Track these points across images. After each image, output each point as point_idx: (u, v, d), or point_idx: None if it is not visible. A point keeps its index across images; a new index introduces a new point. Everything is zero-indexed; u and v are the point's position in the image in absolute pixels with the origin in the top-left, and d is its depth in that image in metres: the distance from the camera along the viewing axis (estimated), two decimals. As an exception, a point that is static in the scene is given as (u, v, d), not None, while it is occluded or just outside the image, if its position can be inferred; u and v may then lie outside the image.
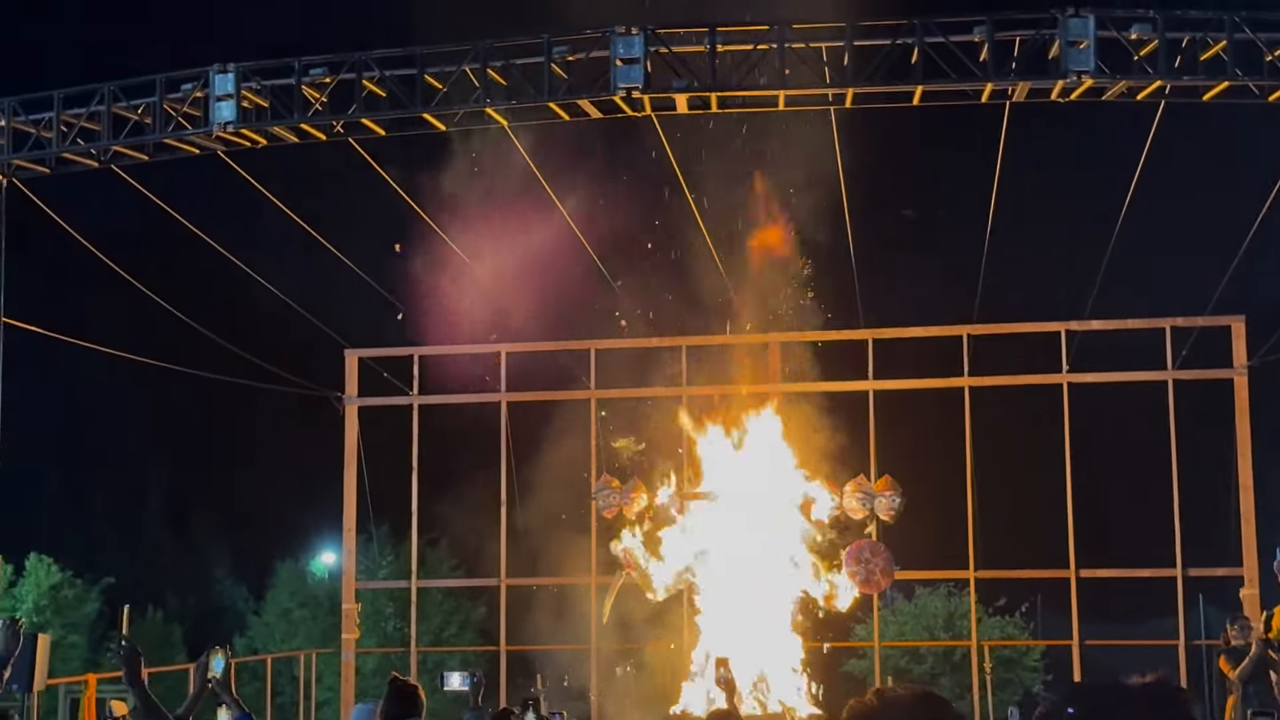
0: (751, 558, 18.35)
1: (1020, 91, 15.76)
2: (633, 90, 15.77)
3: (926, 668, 33.09)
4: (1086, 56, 15.04)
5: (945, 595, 34.13)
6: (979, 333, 21.05)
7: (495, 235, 20.27)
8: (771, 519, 18.69)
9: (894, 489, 19.40)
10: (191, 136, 17.27)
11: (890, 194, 20.50)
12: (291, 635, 35.50)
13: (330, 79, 16.81)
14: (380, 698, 8.48)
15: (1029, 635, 34.47)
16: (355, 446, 21.77)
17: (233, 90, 16.80)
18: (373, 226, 21.88)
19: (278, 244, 21.81)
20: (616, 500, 19.50)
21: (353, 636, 21.68)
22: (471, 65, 16.40)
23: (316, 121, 17.05)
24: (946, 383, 21.16)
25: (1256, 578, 19.77)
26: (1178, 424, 20.41)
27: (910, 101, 16.24)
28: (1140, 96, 15.77)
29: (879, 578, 19.10)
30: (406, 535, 24.01)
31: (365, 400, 22.06)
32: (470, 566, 31.24)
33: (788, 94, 16.15)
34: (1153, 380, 20.81)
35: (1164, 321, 20.69)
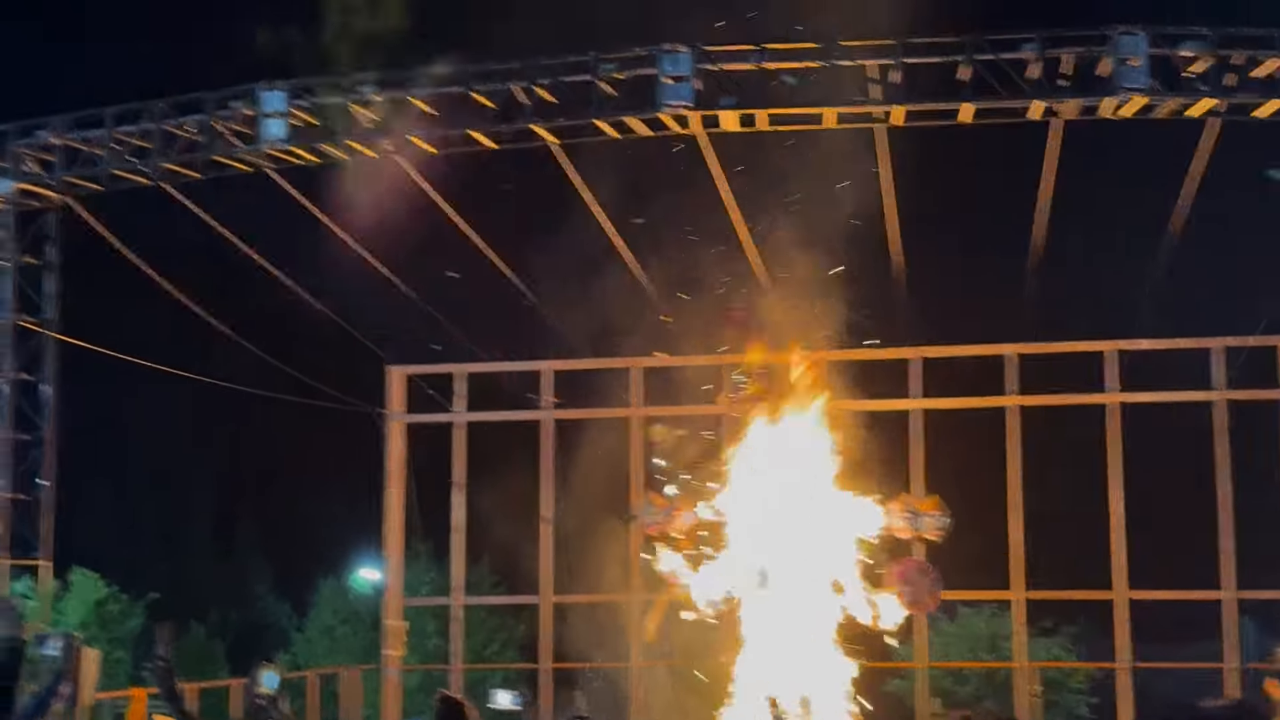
0: (796, 577, 18.22)
1: (1071, 109, 15.68)
2: (681, 108, 15.77)
3: (970, 689, 32.78)
4: (1138, 74, 14.96)
5: (989, 616, 33.83)
6: (1027, 352, 20.92)
7: (539, 250, 20.27)
8: (817, 538, 18.55)
9: (941, 509, 19.24)
10: (241, 154, 17.38)
11: (937, 211, 20.36)
12: (334, 652, 35.50)
13: (380, 97, 16.89)
14: (426, 714, 8.46)
15: (1074, 657, 34.14)
16: (399, 463, 21.80)
17: (282, 108, 16.90)
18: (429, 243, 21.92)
19: (325, 260, 21.87)
20: (660, 517, 19.42)
21: (397, 653, 21.67)
22: (520, 83, 16.45)
23: (365, 139, 17.13)
24: (994, 401, 21.04)
25: (1308, 600, 19.58)
26: (1228, 443, 20.22)
27: (959, 119, 16.17)
28: (1192, 114, 15.65)
29: (926, 598, 18.95)
30: (448, 552, 24.03)
31: (409, 416, 22.09)
32: (511, 583, 31.21)
33: (837, 112, 16.11)
34: (1202, 400, 20.62)
35: (1214, 341, 20.51)
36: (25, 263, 18.82)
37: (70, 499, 22.62)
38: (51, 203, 18.73)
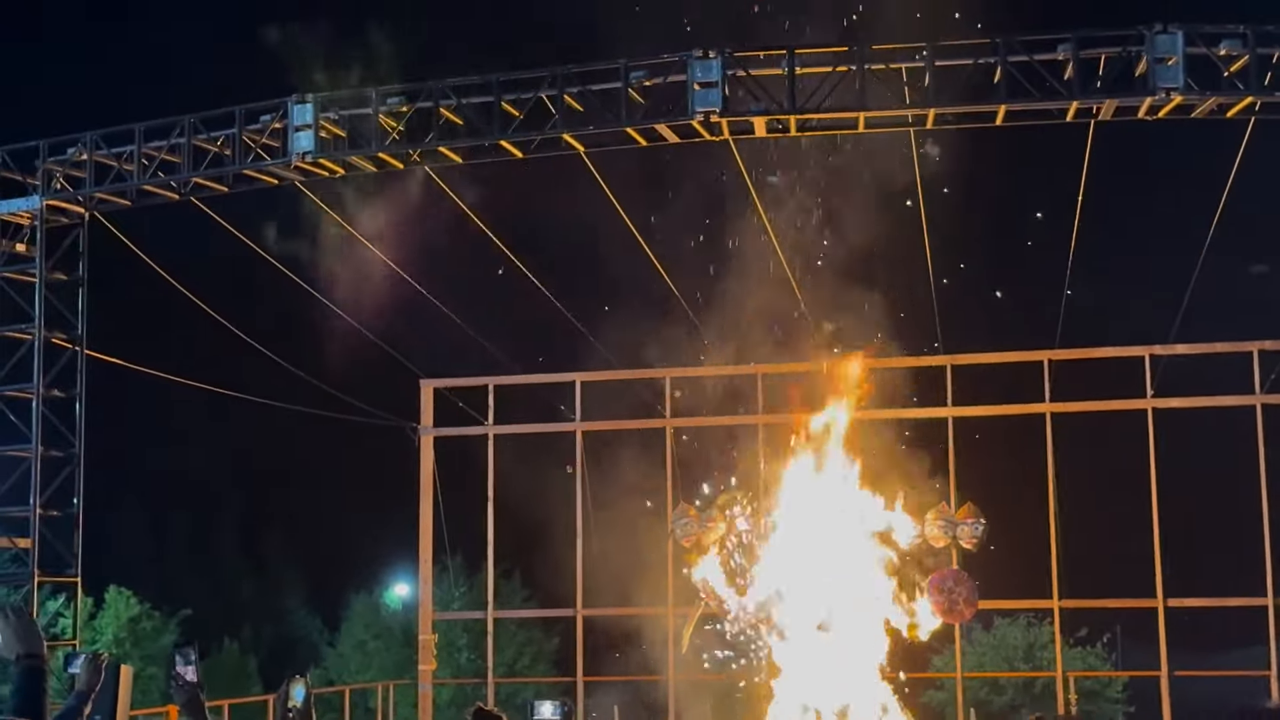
0: (832, 588, 18.08)
1: (1107, 110, 15.47)
2: (711, 114, 15.65)
3: (1007, 699, 32.52)
4: (1175, 73, 14.75)
5: (1025, 625, 33.57)
6: (1061, 358, 20.70)
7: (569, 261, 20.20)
8: (852, 548, 18.41)
9: (976, 516, 19.08)
10: (270, 167, 17.35)
11: (972, 217, 20.22)
12: (366, 667, 35.49)
13: (407, 108, 16.83)
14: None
15: (1110, 666, 33.85)
16: (431, 477, 21.72)
17: (311, 120, 16.86)
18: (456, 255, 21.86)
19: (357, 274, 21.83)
20: (695, 529, 19.30)
21: (430, 668, 21.58)
22: (548, 92, 16.36)
23: (394, 150, 17.07)
24: (1028, 408, 20.81)
25: (1349, 605, 19.28)
26: (1266, 449, 19.95)
27: (993, 121, 16.00)
28: (1231, 114, 15.44)
29: (962, 607, 18.76)
30: (480, 566, 23.94)
31: (441, 430, 22.01)
32: (544, 597, 31.14)
33: (868, 116, 15.96)
34: (1240, 405, 20.36)
35: (1251, 345, 20.25)
36: (54, 279, 18.81)
37: (103, 516, 22.63)
38: (79, 218, 18.73)
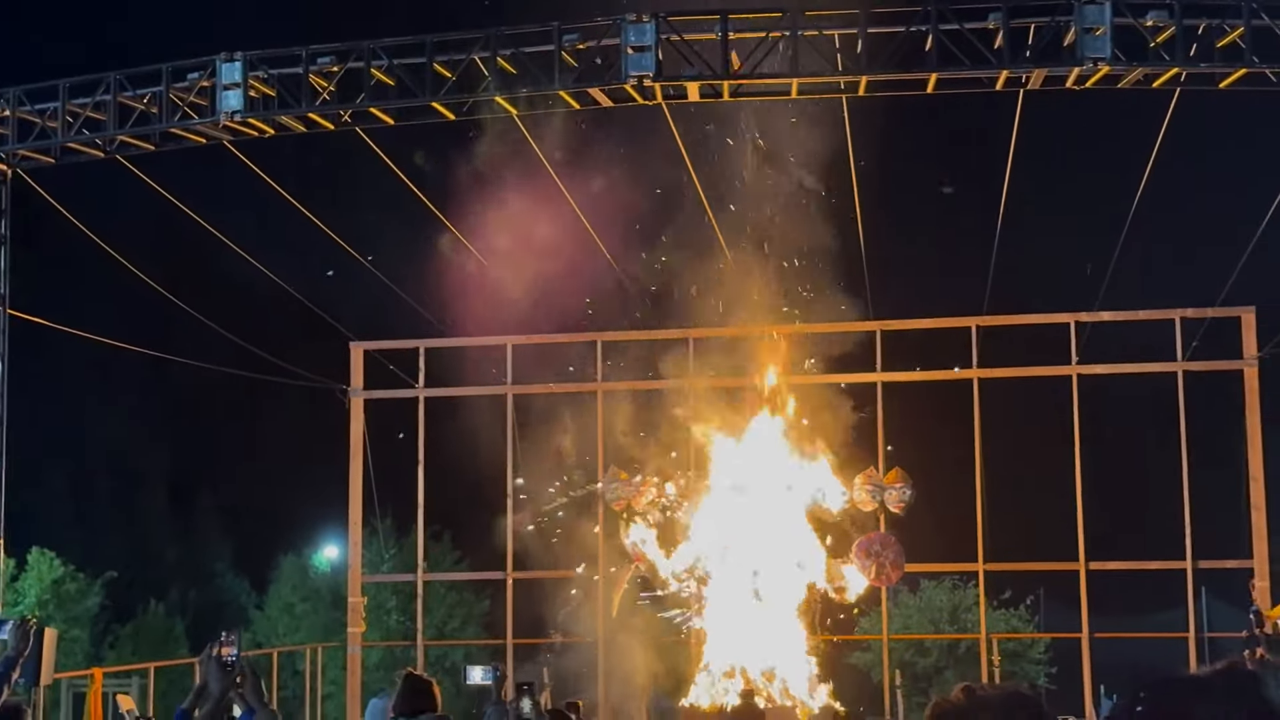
0: (761, 550, 18.23)
1: (1036, 79, 15.61)
2: (644, 78, 15.61)
3: (932, 661, 32.98)
4: (1103, 43, 14.89)
5: (950, 588, 34.02)
6: (988, 324, 20.94)
7: (504, 225, 20.11)
8: (782, 511, 18.56)
9: (904, 481, 19.29)
10: (198, 126, 17.12)
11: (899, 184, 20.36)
12: (294, 629, 35.35)
13: (338, 68, 16.66)
14: (388, 690, 8.35)
15: (1033, 628, 34.38)
16: (360, 439, 21.64)
17: (240, 79, 16.64)
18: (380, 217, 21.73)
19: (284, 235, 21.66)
20: (625, 492, 19.37)
21: (358, 630, 21.56)
22: (481, 54, 16.25)
23: (324, 111, 16.90)
24: (955, 374, 21.06)
25: (1268, 570, 19.69)
26: (1188, 415, 20.30)
27: (924, 90, 16.09)
28: (1157, 84, 15.63)
29: (890, 570, 18.99)
30: (410, 529, 23.88)
31: (371, 393, 21.93)
32: (474, 560, 31.16)
33: (800, 82, 16.01)
34: (1163, 372, 20.71)
35: (1174, 313, 20.59)
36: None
37: (25, 478, 22.35)
38: (2, 176, 18.41)
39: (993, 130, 17.62)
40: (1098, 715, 20.35)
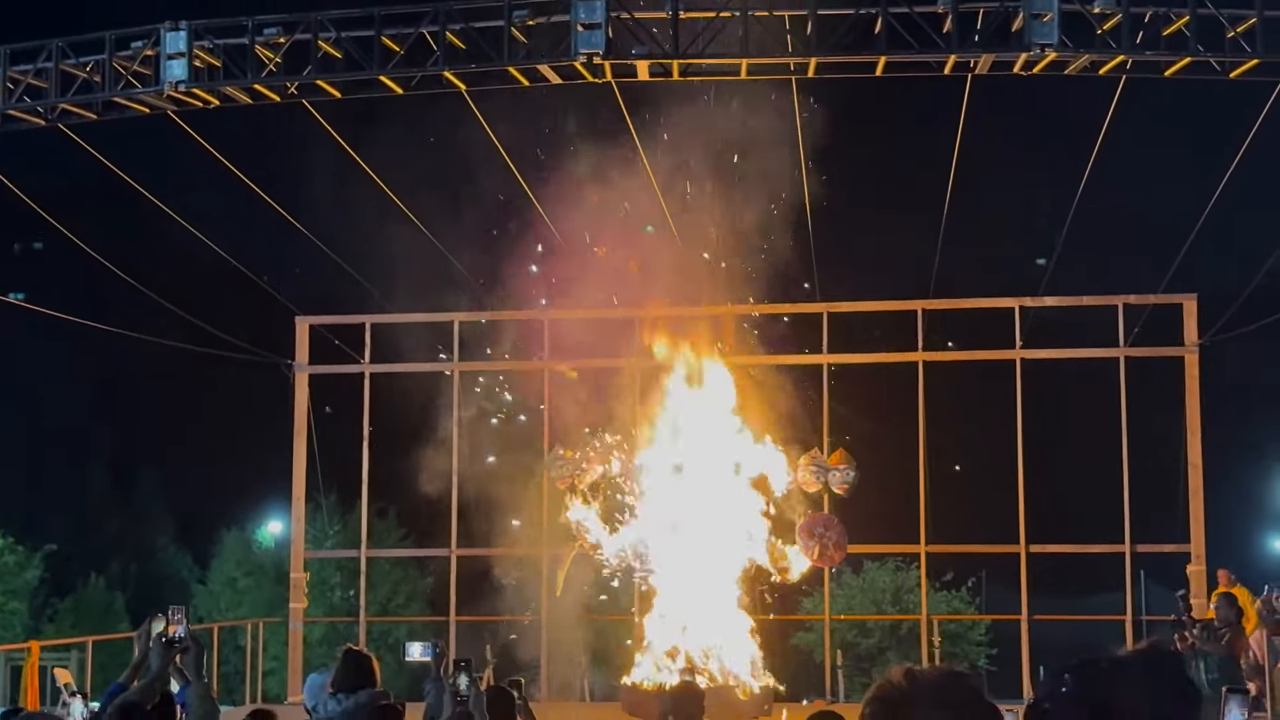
0: (705, 529, 18.25)
1: (983, 64, 15.68)
2: (593, 56, 15.55)
3: (874, 641, 33.21)
4: (1050, 29, 14.96)
5: (893, 569, 34.26)
6: (934, 308, 21.05)
7: (451, 198, 20.04)
8: (725, 491, 18.59)
9: (848, 462, 19.35)
10: (142, 95, 16.91)
11: (848, 167, 20.42)
12: (237, 604, 35.18)
13: (285, 39, 16.50)
14: (330, 667, 8.32)
15: (974, 609, 34.69)
16: (305, 414, 21.51)
17: (184, 49, 16.44)
18: (327, 190, 21.59)
19: (229, 208, 21.49)
20: (570, 471, 19.34)
21: (300, 605, 21.48)
22: (430, 28, 16.14)
23: (270, 82, 16.74)
24: (900, 357, 21.18)
25: (1203, 554, 19.94)
26: (1129, 401, 20.50)
27: (873, 72, 16.13)
28: (1103, 71, 15.73)
29: (832, 551, 19.06)
30: (354, 505, 23.78)
31: (316, 368, 21.79)
32: (419, 536, 31.09)
33: (750, 63, 16.00)
34: (1105, 357, 20.90)
35: (1117, 299, 20.76)
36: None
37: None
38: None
39: (941, 114, 17.70)
40: (1035, 697, 20.54)
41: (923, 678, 2.63)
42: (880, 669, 31.05)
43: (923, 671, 2.65)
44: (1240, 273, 20.44)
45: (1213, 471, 20.77)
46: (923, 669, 2.66)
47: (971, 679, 2.67)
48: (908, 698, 2.60)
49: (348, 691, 7.74)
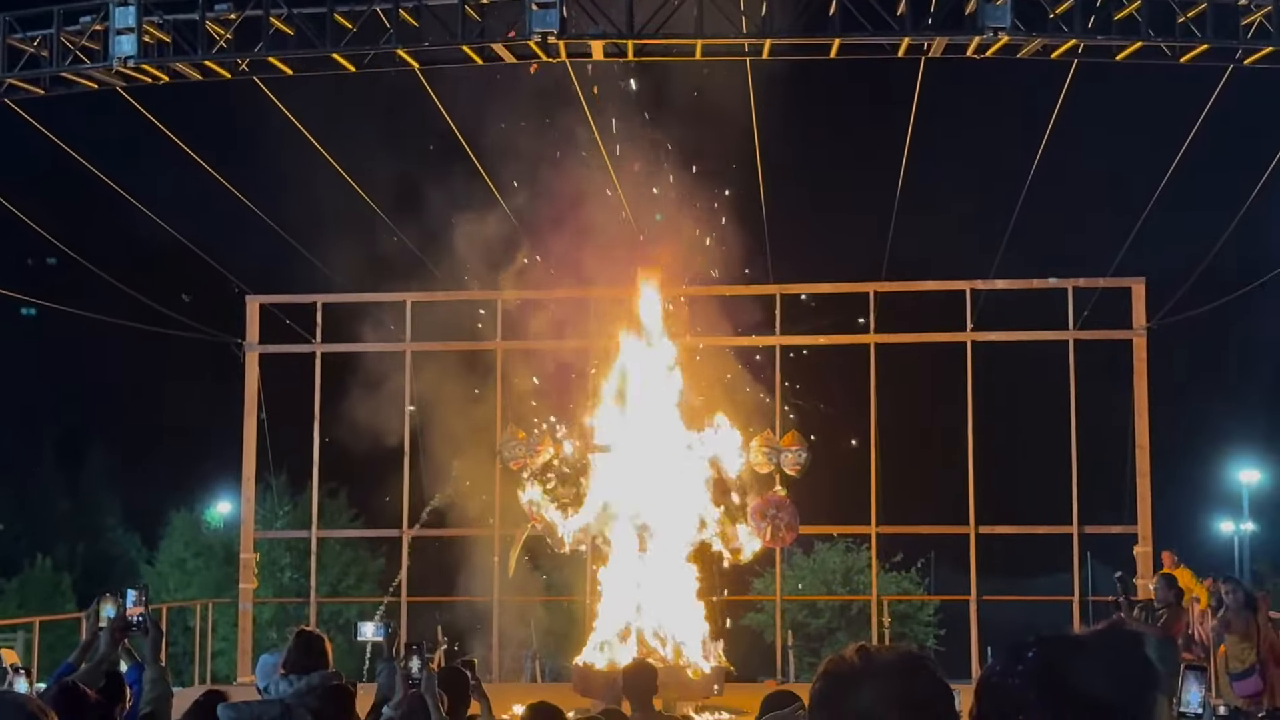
0: (657, 510, 18.26)
1: (937, 47, 15.71)
2: (548, 36, 15.47)
3: (824, 622, 33.44)
4: (1003, 13, 15.01)
5: (843, 550, 34.49)
6: (886, 290, 21.14)
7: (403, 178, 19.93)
8: (678, 472, 18.60)
9: (800, 444, 19.39)
10: (90, 71, 16.70)
11: (802, 148, 20.45)
12: (185, 585, 34.99)
13: (236, 15, 16.32)
14: (281, 647, 8.27)
15: (923, 590, 34.97)
16: (255, 394, 21.37)
17: (134, 24, 16.23)
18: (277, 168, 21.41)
19: (178, 185, 21.28)
20: (522, 452, 19.30)
21: (250, 586, 21.37)
22: (383, 5, 16.01)
23: (221, 59, 16.57)
24: (852, 339, 21.26)
25: (1150, 535, 20.16)
26: (1078, 383, 20.67)
27: (827, 54, 16.14)
28: (1055, 55, 15.80)
29: (784, 532, 19.11)
30: (304, 485, 23.66)
31: (266, 347, 21.65)
32: (370, 517, 30.98)
33: (705, 43, 15.97)
34: (1055, 340, 21.05)
35: (1067, 282, 20.92)
36: None
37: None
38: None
39: (894, 97, 17.75)
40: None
41: (876, 655, 2.63)
42: (830, 649, 31.21)
43: (876, 649, 2.65)
44: (1188, 257, 20.64)
45: (1160, 454, 21.00)
46: (876, 647, 2.66)
47: (925, 658, 2.68)
48: (860, 674, 2.60)
49: (300, 673, 7.70)
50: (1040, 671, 2.43)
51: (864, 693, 2.57)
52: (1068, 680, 2.41)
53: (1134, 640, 2.50)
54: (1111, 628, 2.53)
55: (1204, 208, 21.94)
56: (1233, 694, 12.66)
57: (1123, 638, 2.50)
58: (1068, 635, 2.52)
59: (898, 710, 2.56)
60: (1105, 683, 2.40)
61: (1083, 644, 2.47)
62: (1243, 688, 12.72)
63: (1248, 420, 40.13)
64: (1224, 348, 37.12)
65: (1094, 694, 2.40)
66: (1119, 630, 2.53)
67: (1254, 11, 15.55)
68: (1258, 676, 12.76)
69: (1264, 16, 15.60)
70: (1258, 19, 15.60)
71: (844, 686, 2.60)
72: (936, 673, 2.66)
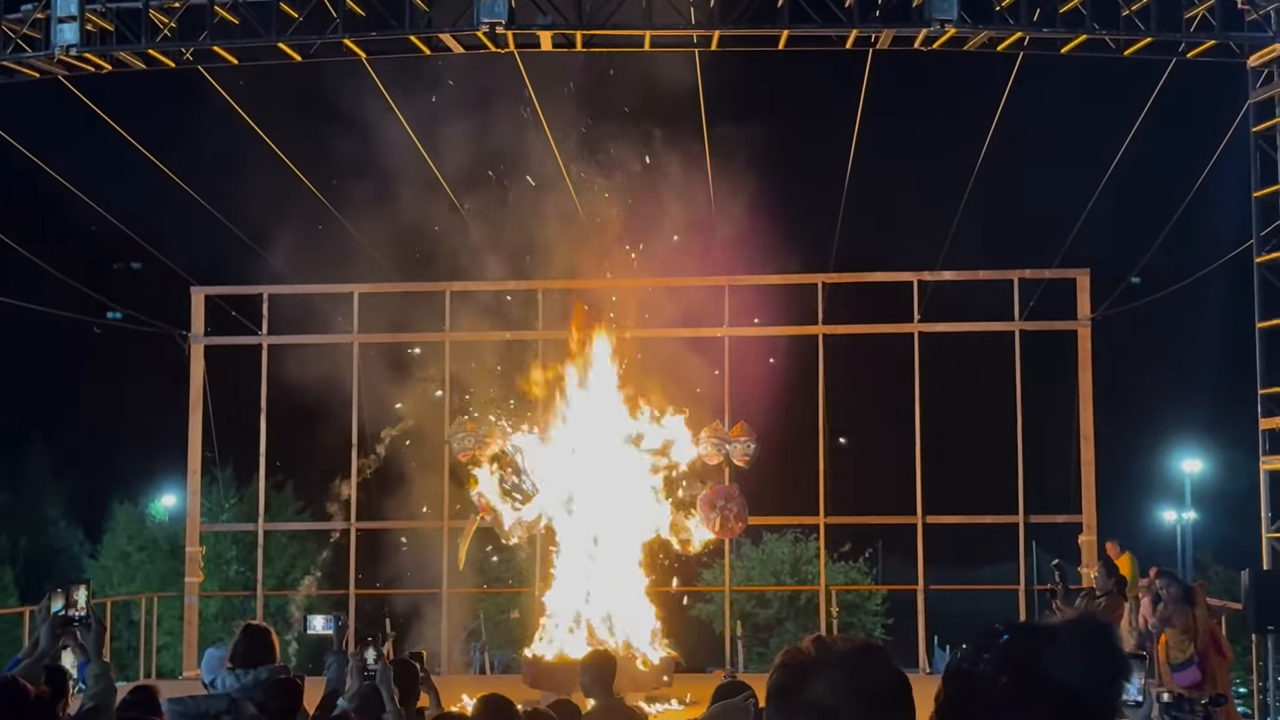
0: (607, 502, 18.26)
1: (885, 39, 15.80)
2: (496, 26, 15.43)
3: (772, 612, 33.54)
4: (950, 6, 15.11)
5: (792, 541, 34.60)
6: (834, 281, 21.22)
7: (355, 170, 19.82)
8: (627, 463, 18.61)
9: (749, 435, 19.43)
10: (31, 60, 16.51)
11: (749, 141, 20.45)
12: (129, 579, 34.67)
13: (180, 4, 16.19)
14: (227, 641, 8.21)
15: (871, 580, 35.15)
16: (201, 386, 21.20)
17: (76, 12, 16.07)
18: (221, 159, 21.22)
19: (122, 175, 21.04)
20: (471, 444, 19.24)
21: (196, 580, 21.21)
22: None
23: (164, 48, 16.42)
24: (801, 330, 21.33)
25: (1094, 524, 20.35)
26: (1023, 374, 20.81)
27: (776, 46, 16.18)
28: (1001, 47, 15.92)
29: (733, 523, 19.13)
30: (250, 478, 23.49)
31: (212, 339, 21.47)
32: (318, 510, 30.79)
33: (654, 34, 15.97)
34: (1001, 331, 21.18)
35: (1012, 273, 21.06)
36: None
37: None
38: None
39: (842, 88, 17.80)
40: (931, 666, 20.88)
41: (833, 646, 2.64)
42: (779, 639, 31.37)
43: (833, 640, 2.66)
44: (1132, 248, 20.83)
45: (1104, 444, 21.19)
46: (833, 638, 2.67)
47: (881, 648, 2.69)
48: (817, 665, 2.61)
49: (247, 666, 7.65)
50: (1011, 659, 2.45)
51: (820, 683, 2.58)
52: (1039, 668, 2.43)
53: (1105, 631, 2.53)
54: (1084, 619, 2.56)
55: (1148, 199, 22.15)
56: (1174, 684, 12.82)
57: (1094, 628, 2.52)
58: (1040, 625, 2.55)
59: (854, 700, 2.57)
60: (1076, 671, 2.43)
61: (1055, 633, 2.49)
62: (1182, 678, 12.89)
63: (1190, 410, 40.58)
64: (1167, 338, 37.51)
65: (1065, 682, 2.42)
66: (1091, 621, 2.56)
67: (1196, 5, 15.73)
68: (1196, 668, 12.94)
69: (1206, 10, 15.78)
70: (1200, 12, 15.78)
71: (800, 677, 2.60)
72: (892, 663, 2.67)
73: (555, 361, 19.74)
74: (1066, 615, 13.09)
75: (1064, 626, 2.52)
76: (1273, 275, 16.93)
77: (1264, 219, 17.03)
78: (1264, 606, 15.52)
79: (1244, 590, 15.88)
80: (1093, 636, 2.50)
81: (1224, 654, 13.31)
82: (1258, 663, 17.00)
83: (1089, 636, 2.49)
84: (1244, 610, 15.94)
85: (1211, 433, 39.31)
